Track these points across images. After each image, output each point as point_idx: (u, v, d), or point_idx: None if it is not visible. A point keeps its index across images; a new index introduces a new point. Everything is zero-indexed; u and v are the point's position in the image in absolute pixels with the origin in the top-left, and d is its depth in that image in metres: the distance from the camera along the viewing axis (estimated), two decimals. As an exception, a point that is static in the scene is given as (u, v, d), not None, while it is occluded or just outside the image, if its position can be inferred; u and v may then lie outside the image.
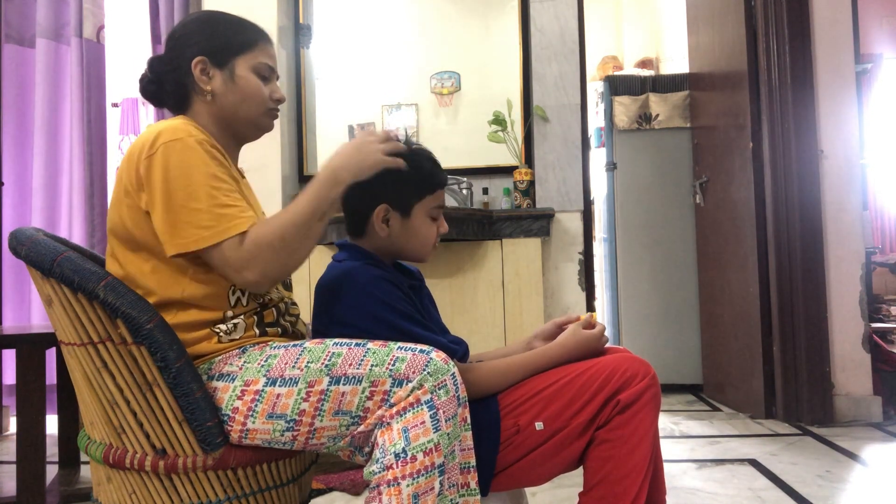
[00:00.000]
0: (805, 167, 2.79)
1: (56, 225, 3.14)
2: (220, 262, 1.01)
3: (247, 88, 1.16)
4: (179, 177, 1.01)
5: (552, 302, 3.11)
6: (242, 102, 1.16)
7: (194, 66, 1.14)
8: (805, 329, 2.74)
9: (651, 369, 1.13)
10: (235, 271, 1.01)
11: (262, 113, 1.19)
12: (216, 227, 1.00)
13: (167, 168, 1.01)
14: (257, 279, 1.01)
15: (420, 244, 1.21)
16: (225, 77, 1.15)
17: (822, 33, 2.84)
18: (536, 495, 1.91)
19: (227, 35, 1.17)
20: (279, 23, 3.18)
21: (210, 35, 1.16)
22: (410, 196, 1.18)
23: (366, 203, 1.17)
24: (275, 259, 1.01)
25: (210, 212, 1.00)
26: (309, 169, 3.35)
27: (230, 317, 1.08)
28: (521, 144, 3.21)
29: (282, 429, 1.01)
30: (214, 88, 1.15)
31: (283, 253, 1.01)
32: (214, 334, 1.06)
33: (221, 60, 1.15)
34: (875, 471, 2.12)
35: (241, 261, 1.00)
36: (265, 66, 1.19)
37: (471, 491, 1.01)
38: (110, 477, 1.06)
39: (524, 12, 3.24)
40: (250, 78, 1.17)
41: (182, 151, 1.02)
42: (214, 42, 1.15)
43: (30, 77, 3.15)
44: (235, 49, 1.16)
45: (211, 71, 1.15)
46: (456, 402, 0.99)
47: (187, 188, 1.00)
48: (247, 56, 1.17)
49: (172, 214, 1.00)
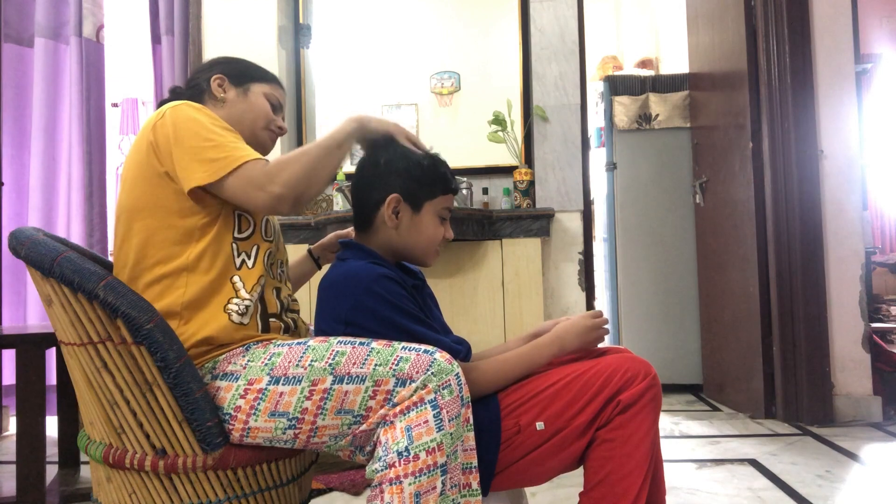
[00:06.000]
0: (805, 167, 2.79)
1: (54, 225, 3.14)
2: (242, 183, 1.04)
3: (255, 103, 1.27)
4: (191, 126, 1.07)
5: (552, 302, 3.11)
6: (248, 112, 1.26)
7: (212, 80, 1.26)
8: (805, 329, 2.74)
9: (652, 370, 1.13)
10: (258, 187, 1.04)
11: (262, 127, 1.28)
12: (231, 155, 1.05)
13: (176, 123, 1.07)
14: (282, 191, 1.04)
15: (425, 244, 1.22)
16: (239, 92, 1.27)
17: (821, 33, 2.84)
18: (536, 495, 1.91)
19: (249, 66, 1.31)
20: (279, 23, 3.18)
21: (233, 63, 1.30)
22: (423, 192, 1.20)
23: (379, 191, 1.18)
24: (300, 170, 1.06)
25: (223, 146, 1.06)
26: (309, 169, 3.34)
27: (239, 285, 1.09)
28: (521, 144, 3.21)
29: (284, 427, 1.01)
30: (227, 97, 1.26)
31: (308, 165, 1.07)
32: (226, 314, 1.07)
33: (239, 81, 1.27)
34: (875, 471, 2.12)
35: (267, 175, 1.04)
36: (276, 98, 1.30)
37: (472, 491, 1.01)
38: (110, 477, 1.06)
39: (524, 12, 3.24)
40: (261, 98, 1.28)
41: (188, 109, 1.10)
42: (235, 67, 1.29)
43: (29, 76, 3.15)
44: (253, 76, 1.29)
45: (227, 86, 1.27)
46: (459, 402, 1.00)
47: (200, 132, 1.07)
48: (262, 85, 1.29)
49: (188, 155, 1.06)
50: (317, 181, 1.09)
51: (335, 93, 3.38)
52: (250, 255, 1.13)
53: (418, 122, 3.33)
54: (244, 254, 1.12)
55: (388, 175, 1.18)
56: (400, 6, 3.38)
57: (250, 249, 1.13)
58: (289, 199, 1.06)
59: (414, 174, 1.18)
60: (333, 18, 3.40)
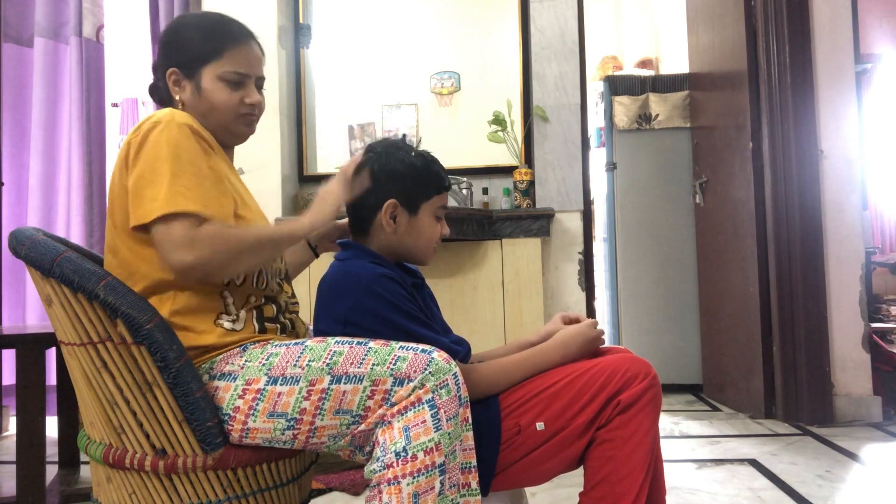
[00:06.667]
0: (805, 167, 2.79)
1: (53, 224, 3.13)
2: (161, 236, 0.98)
3: (213, 99, 1.16)
4: (149, 152, 1.02)
5: (552, 302, 3.11)
6: (211, 112, 1.16)
7: (168, 77, 1.17)
8: (805, 329, 2.74)
9: (652, 370, 1.13)
10: (173, 247, 0.97)
11: (231, 120, 1.18)
12: (167, 201, 0.98)
13: (143, 146, 1.03)
14: (193, 262, 0.98)
15: (424, 243, 1.22)
16: (192, 88, 1.16)
17: (821, 33, 2.84)
18: (536, 495, 1.91)
19: (194, 44, 1.16)
20: (279, 23, 3.18)
21: (179, 45, 1.17)
22: (419, 194, 1.20)
23: (375, 198, 1.18)
24: (223, 251, 0.99)
25: (168, 187, 0.99)
26: (308, 169, 3.35)
27: (229, 300, 1.08)
28: (521, 144, 3.21)
29: (282, 427, 1.00)
30: (184, 99, 1.17)
31: (234, 251, 1.01)
32: (218, 326, 1.06)
33: (190, 71, 1.16)
34: (875, 471, 2.12)
35: (188, 239, 0.97)
36: (232, 73, 1.16)
37: (471, 491, 1.01)
38: (110, 477, 1.06)
39: (524, 12, 3.24)
40: (216, 88, 1.16)
41: (160, 132, 1.03)
42: (183, 53, 1.17)
43: (28, 76, 3.15)
44: (201, 59, 1.16)
45: (182, 82, 1.17)
46: (457, 401, 0.99)
47: (152, 163, 1.01)
48: (213, 66, 1.16)
49: (136, 187, 1.02)
50: (234, 268, 1.05)
51: (335, 93, 3.38)
52: (240, 276, 1.10)
53: (418, 122, 3.33)
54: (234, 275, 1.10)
55: (384, 181, 1.18)
56: (400, 6, 3.38)
57: None
58: (195, 273, 1.00)
59: (408, 178, 1.19)
60: (333, 18, 3.40)
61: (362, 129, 3.36)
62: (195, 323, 1.05)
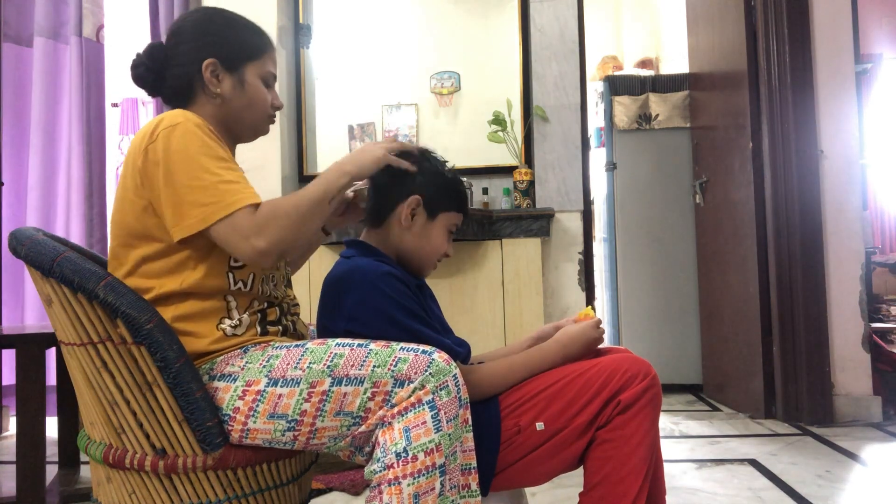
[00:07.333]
0: (805, 167, 2.79)
1: (53, 225, 3.13)
2: (228, 232, 0.99)
3: (255, 96, 1.18)
4: (180, 160, 1.01)
5: (552, 302, 3.11)
6: (248, 108, 1.18)
7: (205, 67, 1.14)
8: (805, 329, 2.74)
9: (652, 370, 1.13)
10: (244, 238, 0.98)
11: (263, 119, 1.22)
12: (221, 201, 0.99)
13: (167, 152, 1.01)
14: (267, 246, 0.99)
15: (430, 252, 1.23)
16: (234, 81, 1.16)
17: (821, 33, 2.84)
18: (536, 495, 1.91)
19: (241, 40, 1.18)
20: (279, 23, 3.18)
21: (223, 38, 1.17)
22: (443, 203, 1.22)
23: (401, 190, 1.19)
24: (288, 226, 1.01)
25: (215, 188, 1.00)
26: (308, 169, 3.34)
27: (232, 304, 1.08)
28: (521, 144, 3.21)
29: (283, 429, 1.00)
30: (224, 92, 1.15)
31: (297, 222, 1.02)
32: (220, 331, 1.06)
33: (232, 65, 1.16)
34: (875, 471, 2.12)
35: (255, 226, 0.98)
36: (270, 74, 1.21)
37: (471, 492, 1.01)
38: (110, 477, 1.06)
39: (524, 12, 3.23)
40: (258, 85, 1.19)
41: (182, 136, 1.02)
42: (228, 46, 1.16)
43: (28, 76, 3.14)
44: (248, 55, 1.18)
45: (221, 74, 1.15)
46: (457, 403, 0.99)
47: (188, 169, 1.00)
48: (256, 63, 1.18)
49: (176, 197, 1.00)
50: (302, 238, 1.06)
51: (335, 93, 3.38)
52: (247, 283, 1.10)
53: (418, 122, 3.33)
54: (241, 282, 1.09)
55: (414, 177, 1.19)
56: (400, 6, 3.38)
57: (247, 277, 1.10)
58: (272, 256, 1.01)
59: (441, 184, 1.21)
60: (333, 18, 3.40)
61: (362, 129, 3.36)
62: (198, 328, 1.05)
